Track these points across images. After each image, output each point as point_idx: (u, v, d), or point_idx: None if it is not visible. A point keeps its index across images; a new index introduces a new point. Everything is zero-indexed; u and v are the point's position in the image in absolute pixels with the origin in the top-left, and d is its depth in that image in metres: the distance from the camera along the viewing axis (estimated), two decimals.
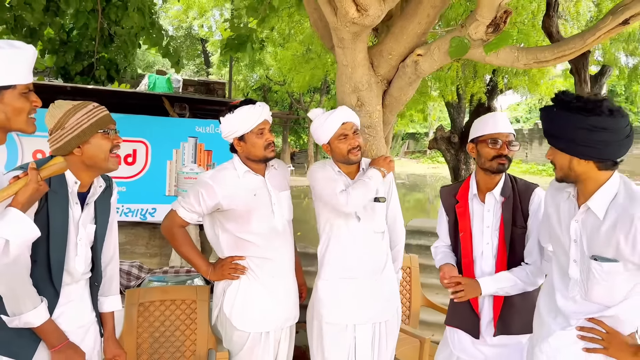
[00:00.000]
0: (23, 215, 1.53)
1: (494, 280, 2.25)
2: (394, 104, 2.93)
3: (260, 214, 2.49)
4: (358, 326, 2.55)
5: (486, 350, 2.34)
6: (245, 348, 2.49)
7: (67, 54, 5.28)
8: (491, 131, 2.30)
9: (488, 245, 2.32)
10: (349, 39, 2.60)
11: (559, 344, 1.85)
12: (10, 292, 1.74)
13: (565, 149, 1.80)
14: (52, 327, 1.87)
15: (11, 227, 1.50)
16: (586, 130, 1.73)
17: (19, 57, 1.55)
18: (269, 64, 18.72)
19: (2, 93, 1.52)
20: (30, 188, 1.55)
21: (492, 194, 2.34)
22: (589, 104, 1.75)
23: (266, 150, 2.49)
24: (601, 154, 1.76)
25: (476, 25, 2.42)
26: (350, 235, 2.55)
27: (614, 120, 1.73)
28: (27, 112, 1.58)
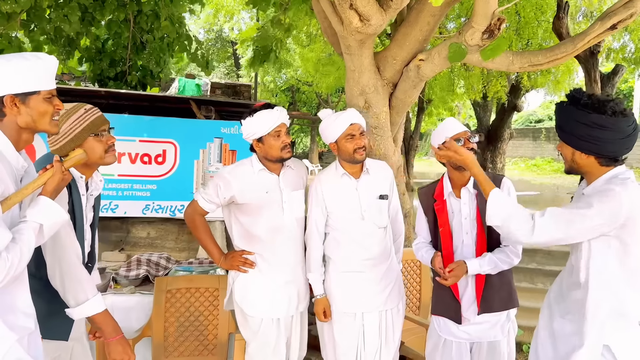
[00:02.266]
0: (52, 202, 1.71)
1: (479, 263, 2.44)
2: (400, 106, 3.12)
3: (270, 210, 2.68)
4: (365, 314, 2.72)
5: (470, 329, 2.51)
6: (260, 333, 2.68)
7: (102, 62, 5.62)
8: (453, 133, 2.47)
9: (467, 234, 2.51)
10: (355, 46, 2.81)
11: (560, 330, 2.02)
12: (75, 279, 1.97)
13: (569, 142, 1.96)
14: (110, 316, 2.06)
15: (43, 212, 1.68)
16: (587, 126, 1.88)
17: (42, 67, 1.70)
18: (297, 65, 18.93)
19: (29, 98, 1.67)
20: (57, 178, 1.73)
21: (466, 189, 2.51)
22: (595, 103, 1.88)
23: (282, 151, 2.67)
24: (600, 150, 1.90)
25: (472, 32, 2.59)
26: (356, 232, 2.73)
27: (614, 120, 1.86)
28: (50, 115, 1.73)
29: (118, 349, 2.06)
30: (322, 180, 2.81)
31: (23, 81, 1.66)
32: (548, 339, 2.09)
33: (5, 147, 1.66)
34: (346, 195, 2.75)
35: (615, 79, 6.85)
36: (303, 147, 32.76)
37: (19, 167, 1.71)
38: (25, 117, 1.67)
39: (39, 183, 1.70)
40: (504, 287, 2.49)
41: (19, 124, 1.67)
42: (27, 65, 1.66)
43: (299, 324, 2.83)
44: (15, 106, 1.66)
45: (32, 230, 1.64)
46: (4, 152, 1.65)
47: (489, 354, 2.49)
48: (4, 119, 1.66)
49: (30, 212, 1.66)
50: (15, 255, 1.55)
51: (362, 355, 2.73)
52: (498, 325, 2.50)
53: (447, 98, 14.73)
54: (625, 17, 2.38)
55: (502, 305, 2.48)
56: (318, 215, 2.77)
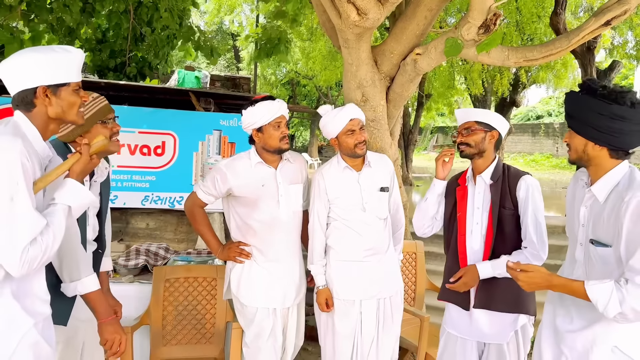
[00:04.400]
0: (79, 184, 1.80)
1: (492, 267, 2.39)
2: (397, 99, 3.15)
3: (266, 203, 2.73)
4: (364, 301, 2.79)
5: (474, 321, 2.51)
6: (256, 322, 2.74)
7: (102, 53, 5.64)
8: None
9: (477, 225, 2.51)
10: (352, 39, 2.84)
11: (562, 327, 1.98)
12: (72, 257, 2.04)
13: (583, 133, 1.91)
14: (103, 297, 2.13)
15: (71, 194, 1.76)
16: (606, 117, 1.84)
17: (71, 60, 1.76)
18: (297, 59, 18.95)
19: (59, 90, 1.73)
20: (83, 161, 1.82)
21: (481, 177, 2.53)
22: (613, 93, 1.84)
23: (281, 142, 2.71)
24: (616, 142, 1.87)
25: (468, 27, 2.63)
26: (356, 223, 2.79)
27: (634, 112, 1.83)
28: (78, 106, 1.79)
29: (109, 329, 2.11)
30: (325, 173, 2.87)
31: (54, 73, 1.71)
32: (550, 336, 2.07)
33: (33, 137, 1.71)
34: (348, 187, 2.81)
35: (612, 74, 6.89)
36: (302, 141, 32.76)
37: (44, 156, 1.76)
38: (56, 108, 1.73)
39: (65, 168, 1.77)
40: (512, 288, 2.28)
41: (49, 114, 1.73)
42: (58, 58, 1.72)
43: (295, 314, 2.89)
44: (47, 97, 1.71)
45: (63, 213, 1.72)
46: (32, 141, 1.69)
47: (494, 356, 2.47)
48: (33, 110, 1.71)
49: (58, 195, 1.74)
50: (49, 239, 1.63)
51: (359, 343, 2.80)
52: (504, 327, 2.46)
53: (447, 93, 14.79)
54: (619, 14, 2.42)
55: (503, 306, 2.43)
56: (320, 208, 2.83)
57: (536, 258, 2.36)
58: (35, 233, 1.59)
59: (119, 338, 2.13)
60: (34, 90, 1.69)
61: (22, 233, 1.57)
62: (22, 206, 1.57)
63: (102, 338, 2.12)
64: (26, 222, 1.58)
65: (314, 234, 2.84)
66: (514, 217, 2.44)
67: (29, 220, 1.58)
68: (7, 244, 1.56)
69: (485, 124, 2.49)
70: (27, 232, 1.58)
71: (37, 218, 1.61)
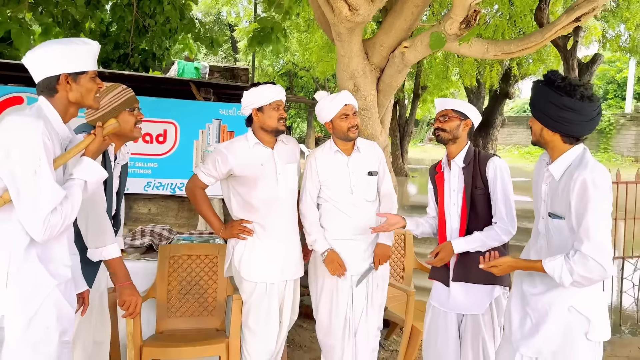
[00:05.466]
0: (94, 162, 1.99)
1: (466, 242, 2.61)
2: (387, 89, 3.38)
3: (265, 182, 2.92)
4: (354, 276, 3.00)
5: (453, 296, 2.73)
6: (254, 296, 2.94)
7: (107, 45, 5.83)
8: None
9: (454, 205, 2.74)
10: (345, 33, 3.06)
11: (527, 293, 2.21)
12: (97, 225, 2.29)
13: (539, 119, 2.16)
14: (123, 264, 2.38)
15: (87, 170, 1.96)
16: (558, 107, 2.04)
17: (89, 50, 1.97)
18: (294, 50, 19.04)
19: (79, 77, 1.93)
20: (97, 141, 2.00)
21: (455, 162, 2.75)
22: (567, 86, 2.03)
23: (279, 122, 2.91)
24: (565, 130, 2.10)
25: (451, 22, 2.85)
26: (345, 204, 3.00)
27: (582, 104, 2.04)
28: (94, 92, 2.00)
29: (127, 291, 2.39)
30: (317, 155, 3.07)
31: (75, 62, 1.91)
32: (517, 302, 2.28)
33: (55, 119, 1.90)
34: (337, 170, 3.01)
35: (593, 67, 7.13)
36: (300, 133, 32.86)
37: (64, 137, 1.97)
38: (76, 94, 1.93)
39: (82, 147, 1.97)
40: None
41: (69, 99, 1.93)
42: (78, 49, 1.93)
43: (291, 290, 3.07)
44: (68, 84, 1.91)
45: (79, 187, 1.93)
46: (53, 123, 1.89)
47: (471, 327, 2.69)
48: (55, 95, 1.92)
49: (75, 171, 1.94)
50: (68, 208, 1.84)
51: (351, 315, 3.00)
52: (480, 299, 2.66)
53: (442, 85, 14.97)
54: (588, 11, 2.64)
55: (479, 278, 2.62)
56: (311, 187, 3.04)
57: (505, 232, 2.58)
58: (55, 203, 1.79)
59: (135, 300, 2.40)
60: (57, 77, 1.89)
61: (45, 202, 1.77)
62: (44, 179, 1.77)
63: (120, 300, 2.37)
64: (48, 193, 1.77)
65: (307, 210, 3.04)
66: (484, 196, 2.66)
67: (50, 191, 1.78)
68: (31, 212, 1.76)
69: (461, 113, 2.71)
70: (48, 201, 1.77)
71: (57, 189, 1.81)
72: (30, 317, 1.83)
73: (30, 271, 1.83)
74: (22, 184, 1.75)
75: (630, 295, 5.04)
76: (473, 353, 2.68)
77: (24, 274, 1.82)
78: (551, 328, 2.11)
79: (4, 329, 1.82)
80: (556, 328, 2.10)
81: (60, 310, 1.93)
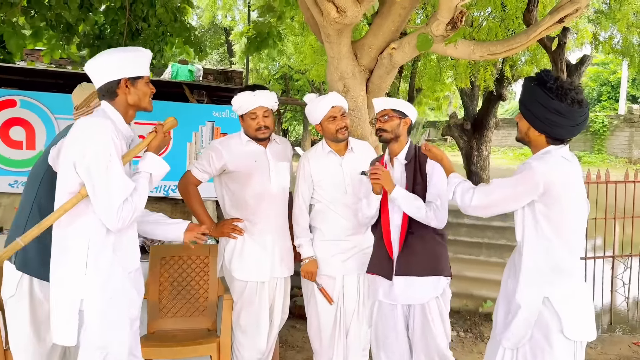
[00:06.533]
0: (157, 156, 2.18)
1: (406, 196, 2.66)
2: (376, 90, 3.42)
3: (258, 178, 2.95)
4: (345, 277, 3.04)
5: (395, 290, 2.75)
6: (245, 295, 2.96)
7: (100, 48, 5.82)
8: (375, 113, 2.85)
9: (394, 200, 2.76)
10: (334, 34, 3.10)
11: None
12: None
13: (526, 118, 2.19)
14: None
15: (151, 164, 2.15)
16: (545, 109, 2.08)
17: (144, 57, 2.15)
18: (290, 53, 19.07)
19: (136, 81, 2.11)
20: (159, 138, 2.20)
21: (397, 159, 2.83)
22: (559, 89, 2.05)
23: (257, 131, 2.92)
24: (550, 132, 2.14)
25: (437, 24, 2.89)
26: (338, 205, 3.03)
27: (570, 109, 2.07)
28: (149, 95, 2.18)
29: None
30: (310, 157, 3.09)
31: (133, 68, 2.10)
32: (503, 298, 2.33)
33: (118, 121, 2.09)
34: (331, 170, 3.04)
35: (582, 68, 7.19)
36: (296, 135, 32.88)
37: (128, 136, 2.15)
38: (134, 97, 2.11)
39: (145, 144, 2.17)
40: (427, 253, 2.71)
41: (128, 101, 2.11)
42: (134, 56, 2.13)
43: (282, 289, 3.10)
44: (127, 87, 2.09)
45: (145, 179, 2.12)
46: (117, 123, 2.08)
47: (419, 316, 2.72)
48: (116, 99, 2.10)
49: (141, 165, 2.14)
50: (137, 199, 2.04)
51: (342, 315, 3.02)
52: (425, 290, 2.71)
53: (436, 87, 15.00)
54: (571, 12, 2.68)
55: (422, 270, 2.70)
56: (304, 189, 3.06)
57: (437, 219, 2.65)
58: (126, 194, 1.99)
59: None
60: (117, 82, 2.07)
61: (117, 194, 1.97)
62: (115, 173, 1.97)
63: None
64: (119, 186, 1.98)
65: (299, 214, 3.06)
66: (425, 190, 2.74)
67: (121, 184, 1.98)
68: (106, 203, 1.96)
69: (400, 112, 2.78)
70: (120, 193, 1.98)
71: (127, 182, 2.01)
72: (105, 302, 2.03)
73: (105, 260, 2.04)
74: (97, 179, 1.95)
75: (621, 294, 5.09)
76: (423, 345, 2.71)
77: (100, 262, 2.02)
78: (524, 315, 2.15)
79: (84, 312, 2.03)
80: (530, 316, 2.14)
81: (130, 299, 2.14)
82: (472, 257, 4.99)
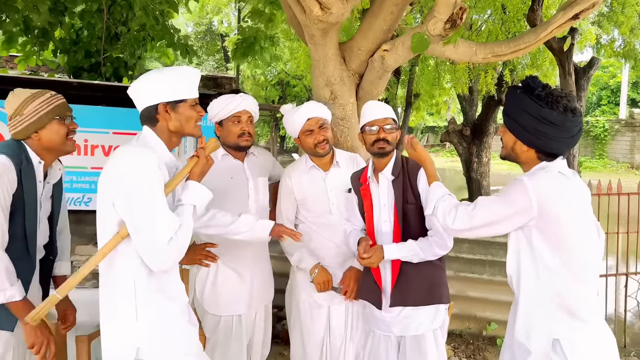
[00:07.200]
0: (199, 184, 1.95)
1: (398, 249, 2.37)
2: (367, 97, 3.08)
3: (235, 196, 2.65)
4: (332, 307, 2.73)
5: (393, 324, 2.46)
6: (219, 331, 2.65)
7: (77, 53, 5.53)
8: (369, 119, 2.46)
9: (386, 222, 2.47)
10: (318, 35, 2.76)
11: None
12: None
13: (512, 130, 1.90)
14: (28, 303, 2.07)
15: (194, 194, 1.92)
16: (535, 119, 1.81)
17: (187, 77, 1.93)
18: (286, 59, 18.86)
19: (178, 106, 1.89)
20: (201, 163, 1.95)
21: (383, 174, 2.47)
22: (549, 96, 1.80)
23: (239, 138, 2.63)
24: (541, 146, 1.85)
25: (434, 22, 2.55)
26: (323, 226, 2.73)
27: (564, 119, 1.79)
28: (195, 120, 1.94)
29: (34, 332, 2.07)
30: (292, 172, 2.80)
31: (173, 91, 1.89)
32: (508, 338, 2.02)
33: (161, 148, 1.89)
34: (314, 187, 2.74)
35: (590, 71, 6.85)
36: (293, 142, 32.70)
37: (171, 165, 1.93)
38: (175, 122, 1.90)
39: (186, 171, 1.94)
40: (424, 281, 2.41)
41: (170, 128, 1.90)
42: (175, 77, 1.91)
43: (262, 320, 2.82)
44: (167, 113, 1.88)
45: (189, 212, 1.89)
46: (159, 151, 1.87)
47: (413, 348, 2.44)
48: (157, 125, 1.90)
49: (184, 196, 1.91)
50: (182, 237, 1.80)
51: (328, 348, 2.75)
52: (422, 320, 2.43)
53: (434, 92, 14.74)
54: (587, 7, 2.35)
55: (419, 300, 2.41)
56: (288, 207, 2.78)
57: (442, 246, 2.35)
58: (172, 232, 1.75)
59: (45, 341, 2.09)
60: (155, 107, 1.87)
61: (162, 233, 1.73)
62: (160, 208, 1.75)
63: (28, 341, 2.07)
64: (164, 223, 1.75)
65: None
66: (417, 209, 2.42)
67: (166, 220, 1.75)
68: (150, 243, 1.73)
69: (396, 121, 2.51)
70: (166, 231, 1.74)
71: (172, 218, 1.78)
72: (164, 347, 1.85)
73: (155, 301, 1.84)
74: (139, 216, 1.73)
75: (635, 314, 4.76)
76: None
77: (151, 305, 1.83)
78: None
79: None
80: None
81: (188, 336, 1.94)
82: (475, 276, 4.62)
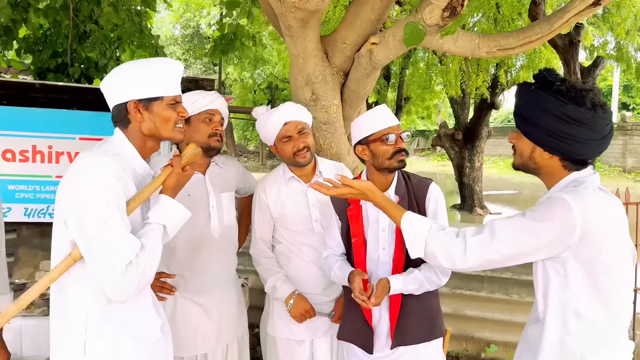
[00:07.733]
0: (173, 200, 1.68)
1: (404, 283, 2.01)
2: (353, 98, 2.71)
3: (193, 217, 2.27)
4: (315, 340, 2.40)
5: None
6: None
7: (43, 53, 5.14)
8: (382, 127, 2.06)
9: (385, 250, 2.09)
10: (296, 26, 2.39)
11: None
12: None
13: (530, 135, 1.57)
14: None
15: (165, 212, 1.65)
16: (558, 119, 1.50)
17: (165, 72, 1.67)
18: (274, 62, 18.55)
19: (151, 104, 1.64)
20: (174, 174, 1.68)
21: (387, 194, 2.04)
22: (572, 90, 1.51)
23: (210, 138, 2.27)
24: (567, 151, 1.53)
25: (431, 9, 2.17)
26: (305, 246, 2.39)
27: (594, 116, 1.49)
28: (174, 122, 1.68)
29: None
30: (267, 185, 2.43)
31: (146, 87, 1.64)
32: None
33: (131, 154, 1.64)
34: (294, 202, 2.38)
35: (596, 71, 6.56)
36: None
37: (144, 174, 1.70)
38: (149, 124, 1.65)
39: (157, 184, 1.67)
40: (425, 314, 2.10)
41: (142, 130, 1.66)
42: (148, 70, 1.66)
43: (236, 355, 2.45)
44: (139, 112, 1.64)
45: (157, 233, 1.63)
46: (129, 158, 1.64)
47: None
48: (129, 126, 1.66)
49: (152, 214, 1.65)
50: (146, 262, 1.55)
51: None
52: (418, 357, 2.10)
53: (425, 96, 14.48)
54: None
55: (420, 336, 2.08)
56: (262, 225, 2.42)
57: (445, 274, 2.05)
58: (130, 256, 1.52)
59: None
60: (125, 105, 1.63)
61: (117, 257, 1.51)
62: (115, 229, 1.52)
63: None
64: (120, 246, 1.52)
65: (259, 255, 2.44)
66: None
67: (122, 242, 1.52)
68: (104, 268, 1.51)
69: None
70: (121, 255, 1.51)
71: (130, 240, 1.54)
72: None
73: (110, 337, 1.59)
74: (91, 237, 1.51)
75: None
76: None
77: (103, 340, 1.59)
78: None
79: None
80: None
81: None
82: (473, 293, 4.28)
